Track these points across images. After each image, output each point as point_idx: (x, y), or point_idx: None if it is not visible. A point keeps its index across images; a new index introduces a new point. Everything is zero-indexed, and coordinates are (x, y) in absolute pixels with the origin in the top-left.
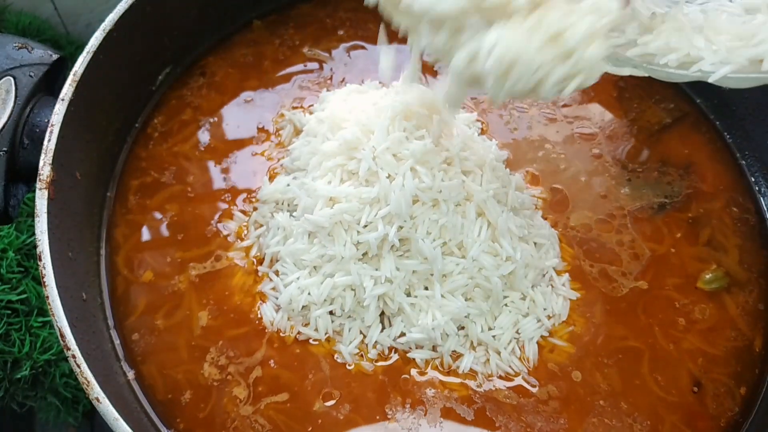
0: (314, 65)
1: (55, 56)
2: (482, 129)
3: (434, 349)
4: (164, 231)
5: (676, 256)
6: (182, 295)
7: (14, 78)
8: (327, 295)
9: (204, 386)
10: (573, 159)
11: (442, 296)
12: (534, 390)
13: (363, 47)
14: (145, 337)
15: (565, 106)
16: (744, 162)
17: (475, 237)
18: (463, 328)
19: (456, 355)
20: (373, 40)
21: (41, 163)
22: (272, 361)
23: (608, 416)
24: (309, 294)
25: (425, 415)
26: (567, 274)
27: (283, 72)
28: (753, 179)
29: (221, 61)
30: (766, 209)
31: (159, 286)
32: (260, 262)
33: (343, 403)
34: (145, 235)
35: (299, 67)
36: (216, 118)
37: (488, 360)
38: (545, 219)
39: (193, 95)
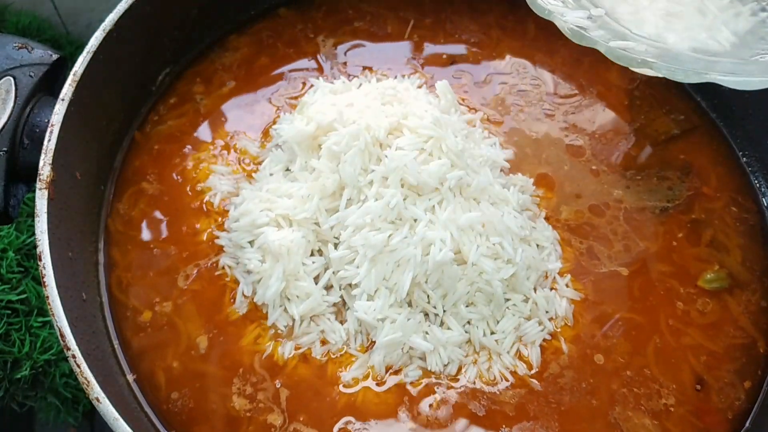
0: (312, 59)
1: (55, 56)
2: (490, 129)
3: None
4: (162, 233)
5: (677, 255)
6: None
7: (14, 78)
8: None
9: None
10: (576, 164)
11: (442, 325)
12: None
13: (363, 45)
14: (184, 398)
15: (573, 113)
16: (745, 161)
17: (473, 239)
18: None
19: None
20: (382, 38)
21: (41, 163)
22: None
23: (636, 385)
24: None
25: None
26: (569, 275)
27: (282, 69)
28: (754, 179)
29: (222, 60)
30: (767, 209)
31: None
32: None
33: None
34: (144, 235)
35: (299, 61)
36: (216, 118)
37: (491, 367)
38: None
39: (193, 95)
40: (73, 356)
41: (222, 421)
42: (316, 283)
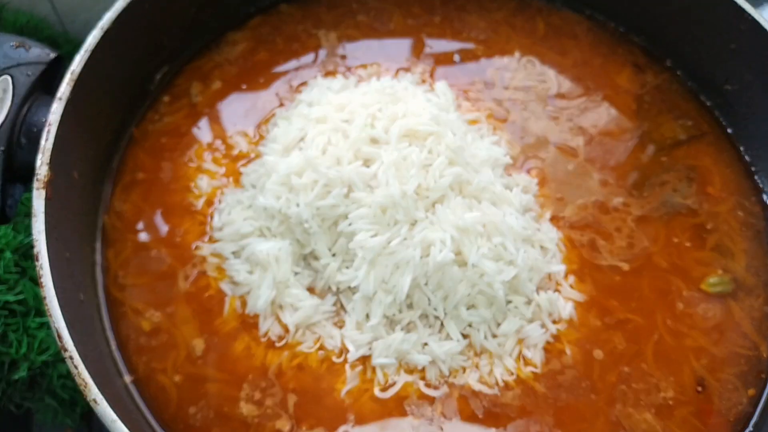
0: (312, 55)
1: (52, 55)
2: (494, 127)
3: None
4: (161, 234)
5: (681, 258)
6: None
7: (11, 77)
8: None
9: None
10: (580, 166)
11: (442, 329)
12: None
13: (365, 40)
14: (203, 410)
15: (579, 115)
16: (751, 165)
17: (473, 240)
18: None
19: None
20: (385, 34)
21: (38, 162)
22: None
23: (635, 380)
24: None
25: (466, 415)
26: (573, 276)
27: (281, 64)
28: (760, 183)
29: (219, 58)
30: None
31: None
32: None
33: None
34: (143, 236)
35: (298, 57)
36: (213, 114)
37: (492, 370)
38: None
39: (191, 92)
40: (71, 357)
41: (228, 427)
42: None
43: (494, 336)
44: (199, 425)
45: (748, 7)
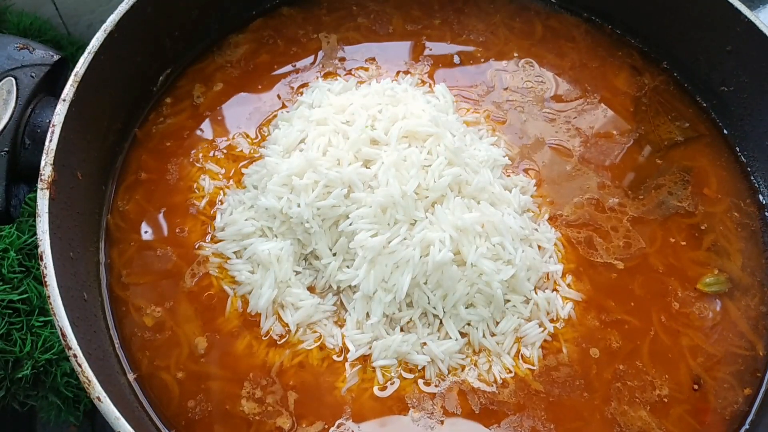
0: (312, 57)
1: (56, 57)
2: (493, 129)
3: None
4: (164, 233)
5: (677, 258)
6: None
7: (16, 78)
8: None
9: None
10: (578, 167)
11: (441, 327)
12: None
13: (365, 43)
14: (201, 403)
15: (577, 117)
16: (746, 163)
17: (472, 240)
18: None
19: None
20: (385, 37)
21: (43, 163)
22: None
23: (630, 378)
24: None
25: (472, 412)
26: (571, 276)
27: (282, 66)
28: (756, 183)
29: (221, 60)
30: None
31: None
32: None
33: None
34: (146, 236)
35: (299, 59)
36: (215, 116)
37: (490, 368)
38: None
39: (193, 94)
40: (75, 356)
41: (229, 424)
42: (310, 291)
43: (492, 334)
44: (198, 419)
45: (744, 9)
